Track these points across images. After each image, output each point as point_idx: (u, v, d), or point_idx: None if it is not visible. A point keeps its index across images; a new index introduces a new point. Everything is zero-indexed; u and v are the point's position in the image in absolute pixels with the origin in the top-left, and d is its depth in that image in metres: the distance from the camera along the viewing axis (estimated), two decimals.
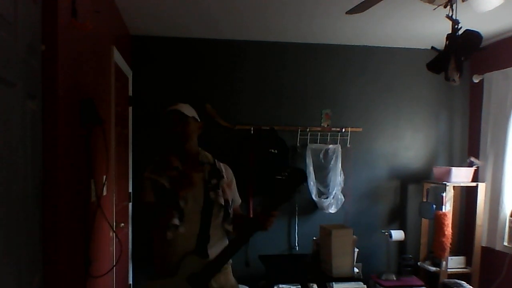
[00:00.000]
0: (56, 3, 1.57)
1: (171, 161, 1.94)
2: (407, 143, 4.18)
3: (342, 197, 3.87)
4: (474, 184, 3.84)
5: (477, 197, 3.81)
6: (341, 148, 3.93)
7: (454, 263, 3.88)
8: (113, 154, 2.72)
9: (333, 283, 3.53)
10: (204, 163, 2.00)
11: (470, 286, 3.63)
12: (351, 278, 3.52)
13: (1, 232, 1.08)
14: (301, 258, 3.48)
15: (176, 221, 1.83)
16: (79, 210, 1.98)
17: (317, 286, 3.51)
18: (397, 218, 4.18)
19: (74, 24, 1.76)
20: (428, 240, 4.05)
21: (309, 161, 3.85)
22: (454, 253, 3.99)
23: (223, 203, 1.93)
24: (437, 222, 3.77)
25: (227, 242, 1.99)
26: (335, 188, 3.85)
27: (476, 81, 3.92)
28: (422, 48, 3.96)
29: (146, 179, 1.92)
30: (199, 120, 2.04)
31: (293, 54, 4.00)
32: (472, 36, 2.20)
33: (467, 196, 4.17)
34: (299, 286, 3.54)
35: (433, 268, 3.89)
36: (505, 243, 3.62)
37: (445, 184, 3.75)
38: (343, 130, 3.98)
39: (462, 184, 3.88)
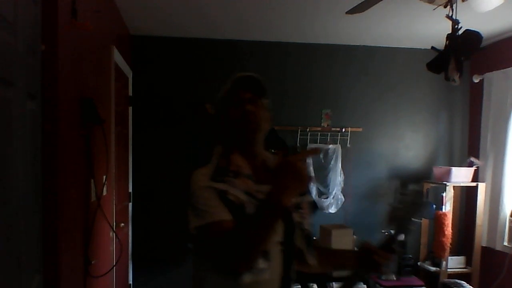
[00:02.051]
0: (56, 3, 1.57)
1: (240, 165, 1.29)
2: (407, 143, 4.18)
3: (342, 197, 3.87)
4: (474, 184, 3.84)
5: (477, 197, 3.81)
6: (341, 148, 3.93)
7: (454, 263, 3.88)
8: (113, 154, 2.72)
9: (333, 283, 3.54)
10: None
11: (470, 286, 3.63)
12: None
13: (1, 232, 1.08)
14: None
15: (263, 264, 1.19)
16: (79, 210, 1.98)
17: (317, 286, 3.52)
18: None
19: (74, 24, 1.76)
20: (428, 240, 4.05)
21: (309, 161, 3.84)
22: (454, 253, 3.99)
23: (309, 229, 1.36)
24: (437, 222, 3.77)
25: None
26: (335, 188, 3.86)
27: (476, 81, 3.92)
28: (422, 48, 3.96)
29: (206, 189, 1.23)
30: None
31: (293, 54, 3.99)
32: (472, 36, 2.20)
33: (467, 196, 4.17)
34: (299, 286, 3.54)
35: (433, 268, 3.89)
36: (505, 243, 3.62)
37: (445, 184, 3.75)
38: (343, 130, 3.98)
39: (462, 184, 3.88)
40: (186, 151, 3.78)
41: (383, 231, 3.97)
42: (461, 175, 3.83)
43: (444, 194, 3.76)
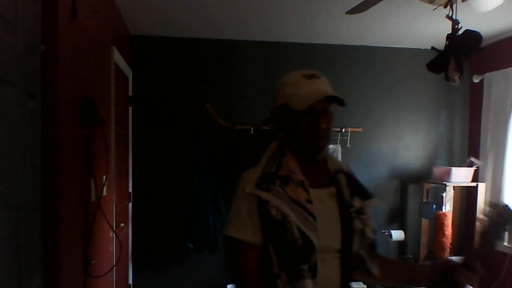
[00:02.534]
0: (56, 3, 1.57)
1: (292, 170, 1.20)
2: (407, 143, 4.18)
3: None
4: (474, 184, 3.84)
5: (477, 197, 3.81)
6: (341, 148, 3.93)
7: None
8: (113, 154, 2.72)
9: None
10: (336, 173, 1.28)
11: (470, 286, 3.63)
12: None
13: (1, 232, 1.08)
14: None
15: (309, 284, 1.10)
16: (79, 210, 1.98)
17: None
18: (397, 218, 4.18)
19: (74, 24, 1.76)
20: (428, 240, 4.05)
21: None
22: (454, 253, 3.98)
23: (372, 237, 1.24)
24: (437, 222, 3.76)
25: None
26: None
27: (476, 81, 3.92)
28: (422, 48, 3.96)
29: (248, 196, 1.16)
30: None
31: (294, 54, 3.99)
32: (472, 36, 2.20)
33: (467, 196, 4.17)
34: None
35: None
36: (505, 243, 3.62)
37: (445, 184, 3.75)
38: (343, 130, 3.97)
39: (462, 184, 3.88)
40: (186, 151, 3.78)
41: (383, 231, 3.97)
42: (461, 175, 3.83)
43: (444, 194, 3.76)
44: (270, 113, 1.31)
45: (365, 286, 3.62)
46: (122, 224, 3.14)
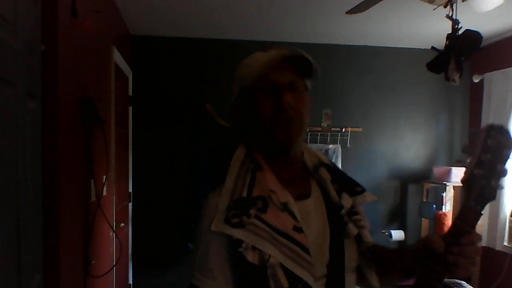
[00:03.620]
0: (56, 3, 1.58)
1: (272, 188, 0.90)
2: (407, 143, 4.18)
3: None
4: None
5: None
6: (341, 148, 3.93)
7: None
8: (113, 154, 2.72)
9: None
10: (317, 167, 1.00)
11: (470, 286, 3.63)
12: None
13: (1, 232, 1.08)
14: None
15: None
16: (79, 210, 1.98)
17: None
18: (397, 218, 4.18)
19: (74, 24, 1.76)
20: None
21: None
22: None
23: (370, 241, 0.99)
24: (437, 222, 3.77)
25: None
26: None
27: (476, 81, 3.92)
28: (422, 48, 3.96)
29: (215, 236, 0.85)
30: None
31: None
32: (472, 36, 2.20)
33: None
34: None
35: None
36: (505, 243, 3.62)
37: (445, 184, 3.75)
38: (343, 130, 3.98)
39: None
40: (186, 151, 3.78)
41: (383, 231, 3.97)
42: (461, 175, 3.82)
43: (444, 194, 3.76)
44: (229, 110, 1.04)
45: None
46: (122, 224, 3.14)
